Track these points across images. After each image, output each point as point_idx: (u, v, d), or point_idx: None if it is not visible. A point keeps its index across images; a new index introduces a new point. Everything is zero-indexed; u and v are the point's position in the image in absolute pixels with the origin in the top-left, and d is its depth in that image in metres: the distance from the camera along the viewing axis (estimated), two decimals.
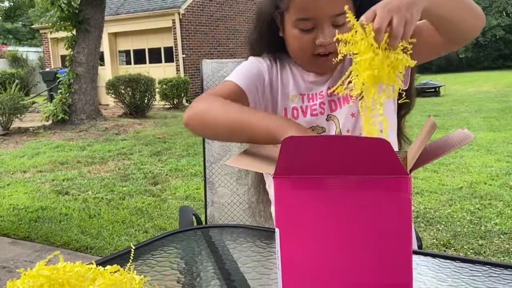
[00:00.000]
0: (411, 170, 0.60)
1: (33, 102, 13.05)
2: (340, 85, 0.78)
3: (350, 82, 0.76)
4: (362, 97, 0.75)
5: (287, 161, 0.58)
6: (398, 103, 1.21)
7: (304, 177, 0.60)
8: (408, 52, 0.75)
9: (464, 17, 0.96)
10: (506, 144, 5.85)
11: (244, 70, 1.14)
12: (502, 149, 5.58)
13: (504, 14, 26.91)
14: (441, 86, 13.64)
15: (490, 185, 4.20)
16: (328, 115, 1.15)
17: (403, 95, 0.87)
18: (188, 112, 1.01)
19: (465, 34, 1.01)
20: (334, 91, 0.80)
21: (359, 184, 0.58)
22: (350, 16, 0.75)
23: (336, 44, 1.01)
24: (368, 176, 0.58)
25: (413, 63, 0.75)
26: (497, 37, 25.60)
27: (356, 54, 0.75)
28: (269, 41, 1.17)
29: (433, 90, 13.38)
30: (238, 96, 1.07)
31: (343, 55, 0.77)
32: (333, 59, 1.05)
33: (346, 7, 0.81)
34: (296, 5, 1.03)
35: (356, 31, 0.75)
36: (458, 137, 0.72)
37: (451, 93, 13.60)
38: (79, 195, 4.61)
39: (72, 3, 9.33)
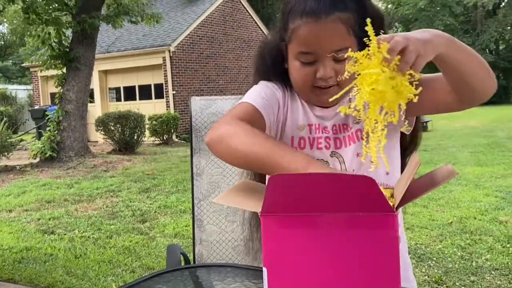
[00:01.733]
0: (397, 207, 0.59)
1: (21, 140, 12.97)
2: (345, 104, 0.77)
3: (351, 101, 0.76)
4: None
5: (274, 199, 0.58)
6: (403, 143, 1.22)
7: (291, 215, 0.59)
8: (414, 84, 0.75)
9: (476, 73, 0.97)
10: (494, 179, 5.89)
11: (262, 93, 1.13)
12: (490, 184, 5.61)
13: (487, 51, 27.64)
14: (429, 121, 13.83)
15: (480, 220, 4.20)
16: (332, 151, 1.15)
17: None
18: (212, 133, 0.99)
19: (475, 92, 1.00)
20: (335, 103, 0.78)
21: (346, 222, 0.58)
22: (369, 30, 0.75)
23: (337, 77, 1.04)
24: (354, 213, 0.57)
25: (416, 91, 0.74)
26: None
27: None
28: (275, 71, 1.18)
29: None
30: (257, 119, 1.06)
31: (349, 74, 0.78)
32: (333, 92, 1.06)
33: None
34: (298, 39, 1.05)
35: (368, 49, 0.75)
36: (442, 173, 0.73)
37: (439, 128, 13.77)
38: (65, 234, 4.52)
39: (63, 41, 9.43)
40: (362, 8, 1.03)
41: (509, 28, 28.13)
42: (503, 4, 28.63)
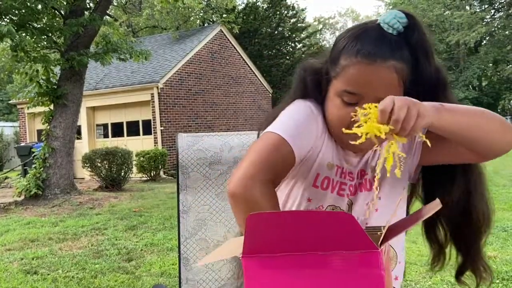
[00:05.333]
0: (381, 243, 0.58)
1: (6, 177, 12.82)
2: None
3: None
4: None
5: (253, 239, 0.57)
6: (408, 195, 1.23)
7: (273, 256, 0.58)
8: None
9: (483, 134, 0.97)
10: None
11: (302, 130, 1.04)
12: None
13: (471, 88, 28.22)
14: None
15: None
16: (349, 199, 1.13)
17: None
18: (239, 185, 0.91)
19: (489, 149, 1.00)
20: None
21: (329, 261, 0.56)
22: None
23: None
24: (337, 252, 0.56)
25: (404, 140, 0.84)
26: None
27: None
28: (314, 97, 1.12)
29: None
30: (284, 158, 0.98)
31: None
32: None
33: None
34: (347, 76, 1.01)
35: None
36: (427, 207, 0.72)
37: None
38: (48, 274, 4.40)
39: (51, 79, 9.44)
40: (420, 65, 1.02)
41: (491, 65, 28.83)
42: (484, 42, 29.46)
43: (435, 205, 0.68)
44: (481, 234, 1.13)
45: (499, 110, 30.09)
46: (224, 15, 20.15)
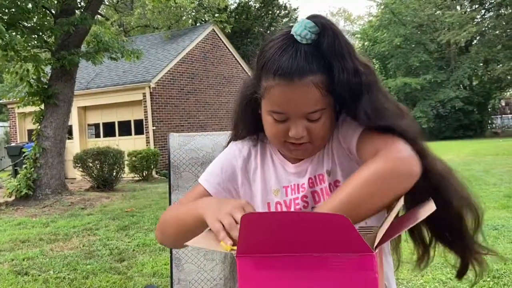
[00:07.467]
0: (376, 246, 0.58)
1: None
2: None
3: None
4: None
5: (248, 239, 0.56)
6: None
7: (267, 256, 0.57)
8: None
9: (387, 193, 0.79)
10: None
11: (218, 171, 1.17)
12: None
13: (462, 87, 28.39)
14: None
15: None
16: (312, 207, 1.11)
17: None
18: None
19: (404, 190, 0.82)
20: None
21: (323, 263, 0.56)
22: None
23: (310, 135, 1.03)
24: (332, 254, 0.55)
25: None
26: (456, 108, 26.84)
27: None
28: (250, 120, 1.16)
29: None
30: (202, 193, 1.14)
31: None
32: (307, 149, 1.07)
33: None
34: (270, 98, 1.02)
35: None
36: (422, 208, 0.72)
37: None
38: (39, 275, 4.37)
39: (42, 78, 9.37)
40: (335, 69, 0.98)
41: (481, 64, 28.99)
42: (475, 41, 29.64)
43: (429, 207, 0.68)
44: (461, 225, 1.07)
45: (489, 110, 30.31)
46: (216, 15, 20.11)
